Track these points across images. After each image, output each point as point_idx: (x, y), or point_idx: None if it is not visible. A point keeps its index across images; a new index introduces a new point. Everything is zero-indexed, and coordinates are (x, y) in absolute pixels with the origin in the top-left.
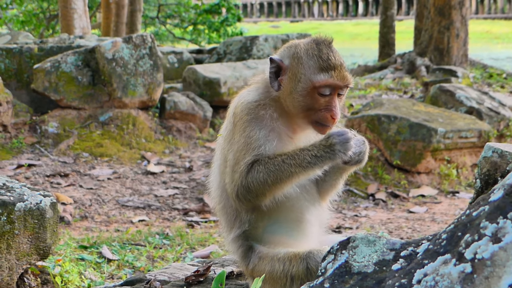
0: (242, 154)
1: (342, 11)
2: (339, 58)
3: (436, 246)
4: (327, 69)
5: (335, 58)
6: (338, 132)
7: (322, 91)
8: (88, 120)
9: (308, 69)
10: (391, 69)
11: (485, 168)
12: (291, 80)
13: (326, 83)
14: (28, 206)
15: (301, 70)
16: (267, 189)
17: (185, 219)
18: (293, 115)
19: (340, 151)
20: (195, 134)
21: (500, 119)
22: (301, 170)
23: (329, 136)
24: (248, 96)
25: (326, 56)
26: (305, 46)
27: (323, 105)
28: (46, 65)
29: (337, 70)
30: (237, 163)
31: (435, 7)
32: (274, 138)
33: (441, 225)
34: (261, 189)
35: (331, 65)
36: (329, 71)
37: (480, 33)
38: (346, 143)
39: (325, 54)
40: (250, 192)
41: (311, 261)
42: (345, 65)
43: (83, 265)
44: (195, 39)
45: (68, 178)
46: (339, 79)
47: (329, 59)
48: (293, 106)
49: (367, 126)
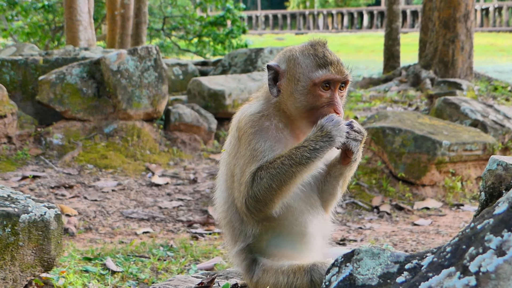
0: (248, 166)
1: (347, 24)
2: (335, 55)
3: (441, 259)
4: (325, 65)
5: (331, 55)
6: (328, 119)
7: (322, 87)
8: (93, 131)
9: (306, 68)
10: (396, 81)
11: (490, 181)
12: (290, 82)
13: (325, 78)
14: (32, 217)
15: (299, 70)
16: (274, 194)
17: (189, 231)
18: (297, 121)
19: (337, 135)
20: (199, 146)
21: (505, 132)
22: (302, 168)
23: (322, 125)
24: (250, 108)
25: (322, 54)
26: (300, 48)
27: (325, 102)
28: (51, 76)
29: (334, 65)
30: (243, 175)
31: (440, 20)
32: (279, 149)
33: (446, 237)
34: (268, 195)
35: (328, 61)
36: (326, 67)
37: (485, 46)
38: (339, 125)
39: (320, 52)
40: (258, 201)
41: (315, 273)
42: (342, 61)
43: (87, 277)
44: (200, 51)
45: (73, 190)
46: (337, 73)
47: (325, 56)
48: (295, 107)
49: (371, 139)
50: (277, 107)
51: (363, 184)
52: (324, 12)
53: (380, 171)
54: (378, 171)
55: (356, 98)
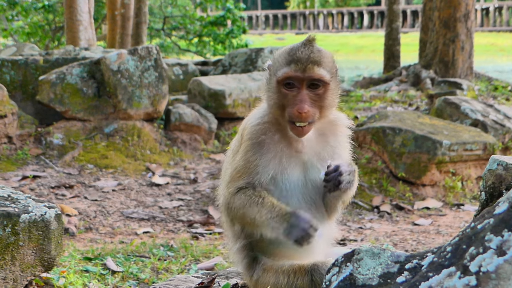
0: (237, 176)
1: (347, 24)
2: (309, 53)
3: (441, 258)
4: (289, 62)
5: (303, 53)
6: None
7: (286, 85)
8: (93, 131)
9: (276, 65)
10: (396, 81)
11: (490, 181)
12: (268, 80)
13: (286, 76)
14: (32, 217)
15: (272, 68)
16: (239, 217)
17: (189, 231)
18: (282, 123)
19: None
20: (200, 146)
21: (505, 132)
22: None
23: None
24: (253, 117)
25: (294, 51)
26: (287, 46)
27: (291, 101)
28: (51, 76)
29: (300, 63)
30: (231, 181)
31: (440, 19)
32: (275, 165)
33: (446, 237)
34: (235, 215)
35: (294, 59)
36: (290, 64)
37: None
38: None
39: (294, 50)
40: (229, 213)
41: (316, 273)
42: (319, 60)
43: (87, 276)
44: (200, 51)
45: (73, 190)
46: (299, 71)
47: (295, 53)
48: (270, 106)
49: (372, 138)
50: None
51: (363, 184)
52: (325, 12)
53: (380, 171)
54: (379, 171)
55: (356, 98)
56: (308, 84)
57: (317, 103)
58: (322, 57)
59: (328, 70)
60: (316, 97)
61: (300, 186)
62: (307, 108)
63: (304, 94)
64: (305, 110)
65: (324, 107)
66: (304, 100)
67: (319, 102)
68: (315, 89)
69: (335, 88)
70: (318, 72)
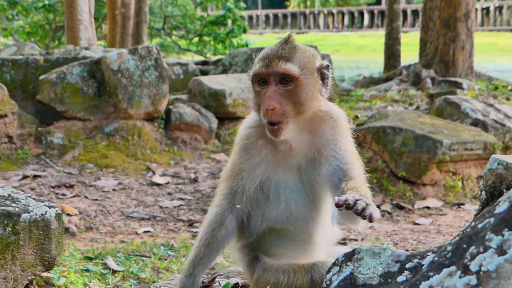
0: (224, 178)
1: (348, 23)
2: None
3: (441, 258)
4: (259, 60)
5: (274, 50)
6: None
7: (258, 83)
8: (94, 131)
9: (251, 65)
10: (397, 81)
11: (491, 180)
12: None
13: (255, 73)
14: (33, 217)
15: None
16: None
17: (190, 230)
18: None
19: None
20: (200, 146)
21: (506, 131)
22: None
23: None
24: (246, 121)
25: (266, 50)
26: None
27: (262, 99)
28: (51, 76)
29: (267, 59)
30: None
31: (441, 19)
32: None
33: (447, 237)
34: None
35: (263, 56)
36: (259, 62)
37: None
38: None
39: (268, 48)
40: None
41: (316, 273)
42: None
43: (88, 276)
44: (201, 51)
45: (73, 189)
46: (264, 67)
47: (266, 52)
48: (252, 109)
49: (372, 138)
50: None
51: None
52: (325, 12)
53: (380, 171)
54: (379, 170)
55: (357, 97)
56: (277, 80)
57: (290, 99)
58: (293, 53)
59: (300, 66)
60: (287, 93)
61: (296, 190)
62: (273, 105)
63: (271, 90)
64: (272, 107)
65: (299, 103)
66: (271, 96)
67: (291, 98)
68: (285, 85)
69: (312, 84)
70: (283, 67)
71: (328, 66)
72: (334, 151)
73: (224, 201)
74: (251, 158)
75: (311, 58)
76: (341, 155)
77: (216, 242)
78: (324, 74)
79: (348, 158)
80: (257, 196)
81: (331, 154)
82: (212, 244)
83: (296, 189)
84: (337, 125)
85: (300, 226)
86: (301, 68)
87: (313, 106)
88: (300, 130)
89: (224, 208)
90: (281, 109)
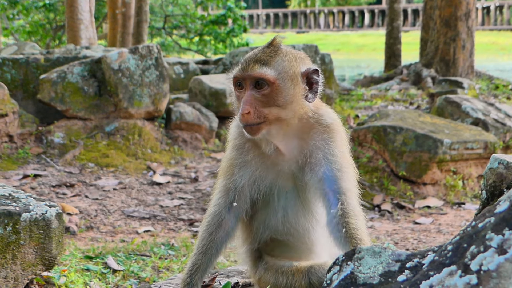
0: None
1: (348, 22)
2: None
3: (442, 257)
4: (239, 63)
5: (253, 53)
6: None
7: (237, 87)
8: (94, 130)
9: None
10: (397, 80)
11: (491, 180)
12: None
13: (232, 77)
14: (33, 216)
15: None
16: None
17: (190, 230)
18: None
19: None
20: (200, 145)
21: (506, 131)
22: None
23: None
24: (236, 118)
25: (249, 53)
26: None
27: (240, 103)
28: (52, 75)
29: (245, 63)
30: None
31: (441, 18)
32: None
33: (447, 236)
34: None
35: (243, 60)
36: (238, 65)
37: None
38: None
39: (251, 52)
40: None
41: (313, 276)
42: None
43: (88, 275)
44: (201, 50)
45: (74, 189)
46: (240, 71)
47: (247, 55)
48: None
49: (373, 137)
50: None
51: (364, 183)
52: (325, 11)
53: (381, 170)
54: (379, 169)
55: (357, 96)
56: (253, 84)
57: (266, 104)
58: (272, 56)
59: (278, 70)
60: (263, 97)
61: (291, 197)
62: (248, 109)
63: (247, 94)
64: (246, 111)
65: (277, 108)
66: (246, 101)
67: (267, 103)
68: (260, 90)
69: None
70: (258, 71)
71: (317, 70)
72: (324, 157)
73: (221, 199)
74: (242, 155)
75: (293, 63)
76: (332, 162)
77: (215, 247)
78: (312, 79)
79: (339, 166)
80: (252, 194)
81: (320, 161)
82: (210, 250)
83: (292, 196)
84: (329, 130)
85: (301, 237)
86: (278, 73)
87: (295, 111)
88: (287, 135)
89: (222, 207)
90: (256, 113)
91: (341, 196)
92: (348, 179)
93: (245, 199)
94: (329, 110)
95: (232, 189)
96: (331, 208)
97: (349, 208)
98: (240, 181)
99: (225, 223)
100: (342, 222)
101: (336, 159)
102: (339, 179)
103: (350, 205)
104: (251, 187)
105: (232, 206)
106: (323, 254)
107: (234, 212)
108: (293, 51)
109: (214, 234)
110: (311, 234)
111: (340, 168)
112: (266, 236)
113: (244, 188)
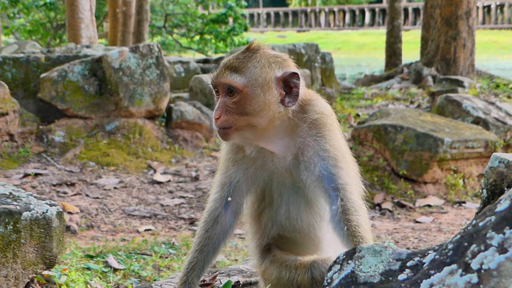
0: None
1: (349, 21)
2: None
3: (443, 256)
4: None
5: (228, 59)
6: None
7: (214, 92)
8: (95, 129)
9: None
10: (398, 79)
11: (492, 178)
12: None
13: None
14: (34, 215)
15: None
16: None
17: (191, 229)
18: None
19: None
20: (201, 144)
21: (507, 129)
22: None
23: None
24: None
25: (225, 58)
26: None
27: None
28: (53, 74)
29: (217, 70)
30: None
31: (442, 17)
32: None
33: (448, 235)
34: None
35: (218, 65)
36: (214, 70)
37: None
38: None
39: (227, 57)
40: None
41: (316, 271)
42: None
43: (89, 274)
44: (202, 49)
45: (75, 187)
46: (214, 77)
47: (223, 60)
48: None
49: (373, 136)
50: None
51: (364, 182)
52: (326, 10)
53: (382, 169)
54: (380, 168)
55: (358, 95)
56: (226, 90)
57: (237, 110)
58: (244, 63)
59: (248, 77)
60: (233, 104)
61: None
62: (218, 114)
63: (220, 100)
64: (217, 116)
65: (247, 115)
66: (219, 107)
67: (238, 109)
68: (231, 97)
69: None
70: (228, 78)
71: (296, 74)
72: (316, 155)
73: (217, 194)
74: (235, 153)
75: (266, 69)
76: (325, 158)
77: (211, 244)
78: (291, 83)
79: (333, 161)
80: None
81: (313, 159)
82: (207, 247)
83: (292, 192)
84: (315, 126)
85: (307, 234)
86: (248, 80)
87: (269, 117)
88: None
89: (218, 203)
90: (226, 119)
91: (340, 192)
92: (345, 174)
93: (242, 195)
94: (317, 103)
95: (227, 183)
96: (332, 205)
97: (349, 204)
98: (236, 176)
99: (221, 219)
100: (343, 219)
101: (329, 155)
102: (335, 175)
103: (350, 200)
104: (247, 183)
105: (228, 202)
106: (330, 251)
107: (231, 209)
108: (270, 55)
109: (210, 231)
110: (317, 231)
111: (335, 163)
112: (274, 232)
113: (241, 184)
